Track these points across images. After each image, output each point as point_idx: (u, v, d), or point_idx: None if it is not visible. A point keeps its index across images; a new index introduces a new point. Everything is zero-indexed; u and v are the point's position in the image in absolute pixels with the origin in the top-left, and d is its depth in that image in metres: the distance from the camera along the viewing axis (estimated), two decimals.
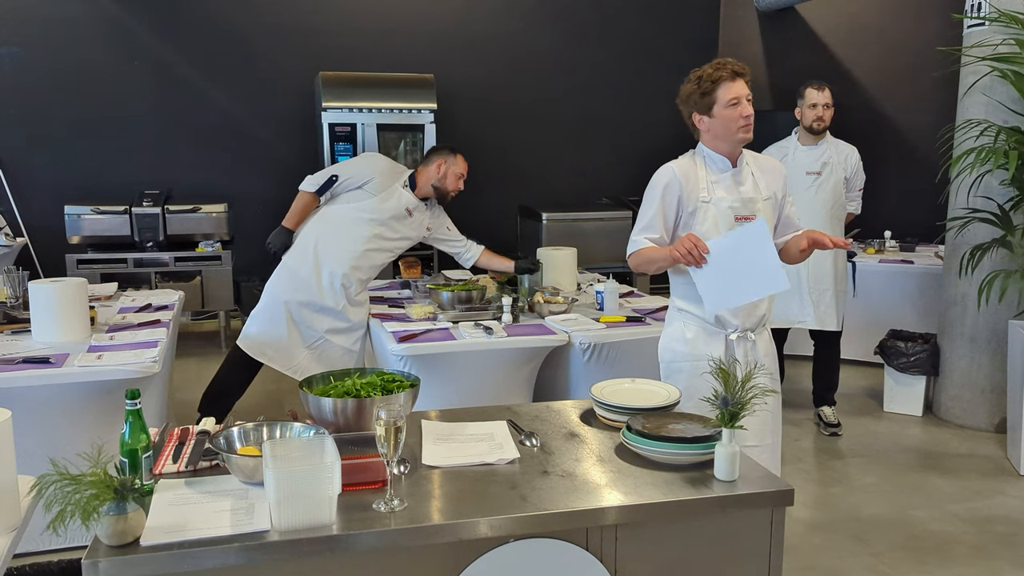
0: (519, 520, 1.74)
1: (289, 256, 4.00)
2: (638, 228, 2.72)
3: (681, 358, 2.74)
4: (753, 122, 2.65)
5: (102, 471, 1.56)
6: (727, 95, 2.62)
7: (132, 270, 6.16)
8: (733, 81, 2.63)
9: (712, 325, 2.72)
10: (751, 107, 2.65)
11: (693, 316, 2.74)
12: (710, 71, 2.66)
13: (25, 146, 6.58)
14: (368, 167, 4.03)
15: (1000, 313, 4.59)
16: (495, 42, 7.55)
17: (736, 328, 2.71)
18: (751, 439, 2.63)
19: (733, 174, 2.72)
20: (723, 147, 2.70)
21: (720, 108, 2.64)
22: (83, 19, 6.62)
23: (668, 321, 2.86)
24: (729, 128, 2.64)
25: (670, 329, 2.82)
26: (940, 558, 3.33)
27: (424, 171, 4.03)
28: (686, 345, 2.73)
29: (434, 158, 4.03)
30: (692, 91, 2.70)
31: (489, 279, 4.34)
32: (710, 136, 2.71)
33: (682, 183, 2.67)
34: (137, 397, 1.80)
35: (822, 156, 4.57)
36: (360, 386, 2.15)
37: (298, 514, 1.64)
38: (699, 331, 2.73)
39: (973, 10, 4.72)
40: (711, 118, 2.67)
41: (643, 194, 2.77)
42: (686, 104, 2.74)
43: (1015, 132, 4.37)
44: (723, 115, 2.64)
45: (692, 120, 2.74)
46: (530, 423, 2.31)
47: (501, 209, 7.58)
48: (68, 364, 3.03)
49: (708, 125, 2.69)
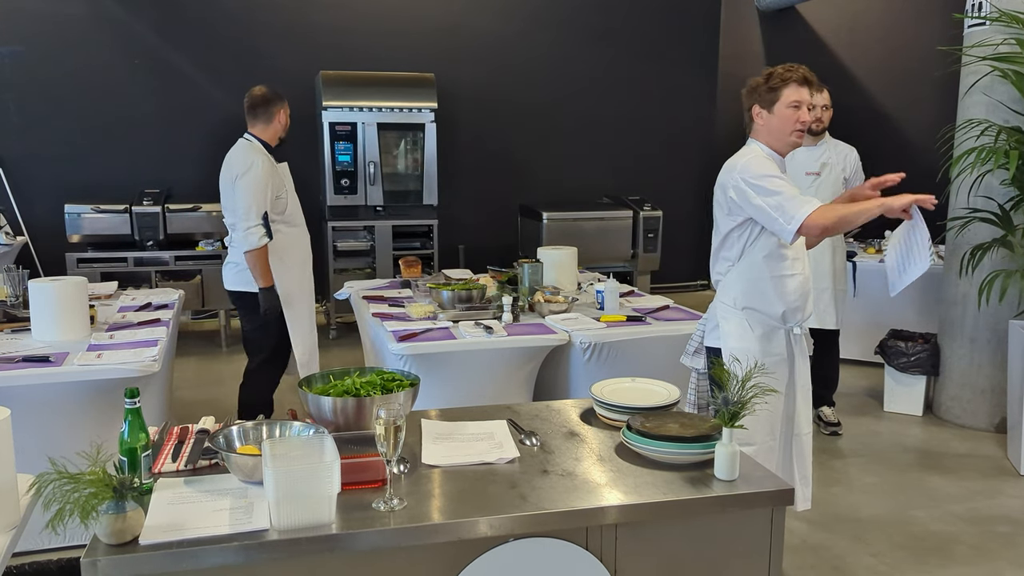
0: (519, 519, 1.74)
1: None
2: (790, 198, 2.66)
3: (752, 356, 2.71)
4: (807, 130, 2.81)
5: (101, 470, 1.55)
6: (792, 96, 2.75)
7: (132, 269, 6.16)
8: (801, 86, 2.76)
9: (775, 321, 2.83)
10: (809, 116, 2.79)
11: (757, 313, 2.83)
12: (782, 71, 2.78)
13: (25, 145, 6.58)
14: (256, 166, 3.84)
15: (1000, 313, 4.59)
16: (496, 42, 7.56)
17: (796, 323, 2.86)
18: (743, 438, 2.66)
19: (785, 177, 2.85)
20: (776, 145, 2.83)
21: (781, 107, 2.76)
22: (84, 18, 6.62)
23: (722, 325, 2.87)
24: (784, 128, 2.77)
25: (730, 328, 2.84)
26: (940, 558, 3.33)
27: (270, 126, 3.96)
28: (756, 343, 2.81)
29: (275, 107, 3.95)
30: (760, 84, 2.81)
31: (489, 278, 4.33)
32: (765, 131, 2.82)
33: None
34: (136, 396, 1.80)
35: (821, 157, 4.57)
36: (360, 385, 2.14)
37: (297, 513, 1.63)
38: (765, 328, 2.84)
39: (974, 10, 4.72)
40: (770, 114, 2.79)
41: (739, 184, 2.76)
42: (751, 95, 2.84)
43: (1016, 132, 4.36)
44: (782, 114, 2.76)
45: (751, 112, 2.85)
46: (530, 422, 2.31)
47: (501, 208, 7.58)
48: (68, 363, 3.03)
49: (766, 120, 2.81)
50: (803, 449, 2.96)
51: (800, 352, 2.93)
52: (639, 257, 7.13)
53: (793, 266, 2.83)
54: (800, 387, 2.93)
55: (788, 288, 2.82)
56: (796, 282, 2.83)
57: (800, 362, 2.92)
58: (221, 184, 3.97)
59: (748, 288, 2.84)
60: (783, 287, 2.81)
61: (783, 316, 2.84)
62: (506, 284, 4.25)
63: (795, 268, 2.83)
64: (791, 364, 2.89)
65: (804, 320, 2.91)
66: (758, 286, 2.81)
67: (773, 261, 2.81)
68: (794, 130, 2.76)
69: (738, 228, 2.82)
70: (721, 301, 2.91)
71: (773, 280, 2.81)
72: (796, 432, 2.94)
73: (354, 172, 6.57)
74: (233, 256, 3.99)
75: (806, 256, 2.92)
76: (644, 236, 7.10)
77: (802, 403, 2.94)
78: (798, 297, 2.84)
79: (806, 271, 2.89)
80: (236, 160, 3.90)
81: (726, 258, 2.90)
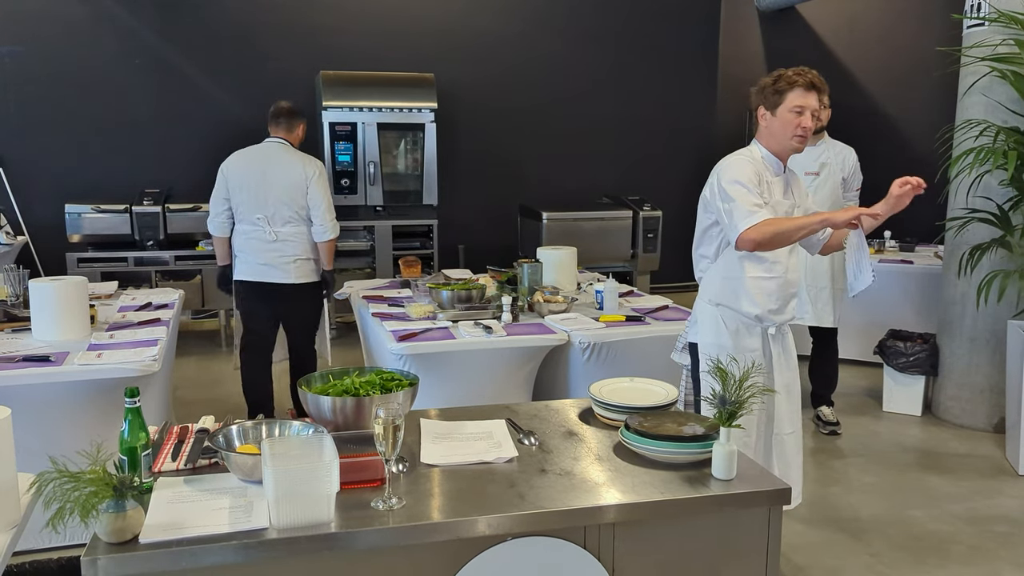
0: (517, 518, 1.75)
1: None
2: (748, 205, 2.67)
3: (725, 354, 2.73)
4: (809, 136, 2.79)
5: (101, 468, 1.56)
6: (795, 100, 2.74)
7: (132, 269, 6.17)
8: (807, 91, 2.75)
9: (750, 320, 2.83)
10: (812, 123, 2.77)
11: (731, 311, 2.84)
12: (790, 74, 2.77)
13: (26, 145, 6.59)
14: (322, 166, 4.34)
15: (999, 313, 4.59)
16: (496, 42, 7.56)
17: (773, 323, 2.85)
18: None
19: (783, 178, 2.87)
20: (776, 148, 2.83)
21: (784, 110, 2.76)
22: (84, 18, 6.63)
23: (699, 321, 2.91)
24: (785, 131, 2.77)
25: (706, 327, 2.87)
26: (939, 558, 3.33)
27: (292, 134, 4.36)
28: (730, 339, 2.82)
29: (297, 120, 4.38)
30: (767, 85, 2.82)
31: (489, 278, 4.34)
32: (767, 133, 2.83)
33: (760, 172, 2.78)
34: (136, 395, 1.81)
35: (820, 157, 4.57)
36: (359, 385, 2.15)
37: (296, 512, 1.64)
38: (739, 325, 2.84)
39: (973, 10, 4.72)
40: (773, 116, 2.79)
41: (716, 184, 2.80)
42: (758, 95, 2.85)
43: (1014, 132, 4.37)
44: (784, 117, 2.76)
45: (757, 113, 2.86)
46: (529, 422, 2.32)
47: (501, 208, 7.58)
48: (68, 362, 3.03)
49: (768, 122, 2.81)
50: (785, 449, 2.93)
51: (782, 351, 2.91)
52: (639, 257, 7.13)
53: (772, 268, 2.81)
54: (782, 386, 2.90)
55: (766, 290, 2.81)
56: (775, 284, 2.81)
57: (782, 361, 2.90)
58: (275, 183, 4.19)
59: (724, 286, 2.85)
60: (760, 289, 2.80)
61: (758, 317, 2.83)
62: (506, 284, 4.26)
63: (774, 271, 2.82)
64: (769, 362, 2.87)
65: (784, 322, 2.90)
66: (733, 285, 2.82)
67: (751, 262, 2.80)
68: (795, 135, 2.75)
69: (715, 226, 2.84)
70: (700, 298, 2.94)
71: (750, 281, 2.80)
72: (777, 431, 2.91)
73: (354, 172, 6.58)
74: (294, 251, 4.26)
75: (795, 259, 2.90)
76: (644, 236, 7.10)
77: (785, 403, 2.91)
78: (776, 300, 2.83)
79: (789, 274, 2.86)
80: (303, 161, 4.26)
81: (704, 255, 2.93)
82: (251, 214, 4.21)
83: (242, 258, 4.30)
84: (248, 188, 4.19)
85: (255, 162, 4.22)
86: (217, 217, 4.29)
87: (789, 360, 2.95)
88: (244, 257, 4.29)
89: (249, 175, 4.20)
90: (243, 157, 4.28)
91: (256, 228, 4.21)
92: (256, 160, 4.23)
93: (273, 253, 4.23)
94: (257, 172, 4.19)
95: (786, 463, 2.94)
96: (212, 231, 4.33)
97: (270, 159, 4.23)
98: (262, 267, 4.25)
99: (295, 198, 4.20)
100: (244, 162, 4.25)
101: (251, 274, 4.27)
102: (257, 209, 4.20)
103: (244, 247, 4.27)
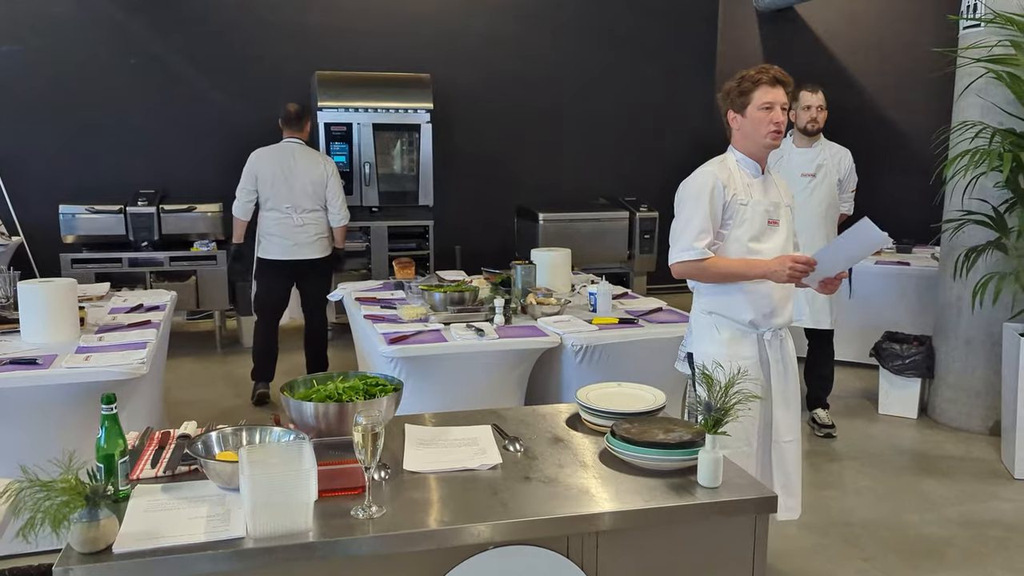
0: (499, 527, 1.72)
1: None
2: (690, 235, 2.71)
3: (720, 360, 2.69)
4: (784, 131, 2.74)
5: (73, 477, 1.54)
6: (763, 98, 2.70)
7: (127, 269, 6.14)
8: (772, 87, 2.71)
9: (745, 327, 2.79)
10: (784, 116, 2.72)
11: (725, 319, 2.80)
12: (753, 73, 2.73)
13: (20, 145, 6.57)
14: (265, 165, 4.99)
15: (995, 315, 4.57)
16: (492, 42, 7.54)
17: (769, 328, 2.80)
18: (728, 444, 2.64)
19: (762, 179, 2.82)
20: (752, 149, 2.78)
21: (753, 109, 2.72)
22: (80, 18, 6.61)
23: (694, 331, 2.89)
24: (758, 131, 2.72)
25: (700, 336, 2.85)
26: (933, 562, 3.31)
27: (305, 131, 5.11)
28: (723, 347, 2.78)
29: (306, 120, 5.10)
30: (732, 88, 2.78)
31: (483, 280, 4.31)
32: (740, 136, 2.79)
33: (724, 186, 2.74)
34: (113, 402, 1.78)
35: (816, 158, 4.55)
36: (342, 390, 2.13)
37: (273, 521, 1.62)
38: (733, 332, 2.80)
39: (969, 12, 4.70)
40: (744, 117, 2.75)
41: (676, 199, 2.83)
42: (725, 100, 2.81)
43: (1010, 134, 4.35)
44: (755, 117, 2.72)
45: (727, 117, 2.82)
46: (516, 427, 2.30)
47: (498, 210, 7.56)
48: (55, 365, 3.01)
49: (740, 124, 2.77)
50: (784, 457, 2.88)
51: (781, 357, 2.85)
52: (635, 258, 7.11)
53: None
54: (780, 393, 2.85)
55: (759, 294, 2.77)
56: (768, 287, 2.77)
57: (780, 368, 2.85)
58: (300, 179, 4.95)
59: (716, 293, 2.81)
60: (753, 293, 2.76)
61: (752, 322, 2.79)
62: (499, 286, 4.23)
63: None
64: (766, 369, 2.83)
65: (781, 326, 2.85)
66: (726, 291, 2.78)
67: None
68: (768, 132, 2.70)
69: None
70: (694, 307, 2.91)
71: (743, 286, 2.76)
72: (776, 439, 2.86)
73: (349, 173, 6.55)
74: (316, 231, 5.08)
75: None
76: (640, 237, 7.08)
77: (783, 410, 2.87)
78: (770, 303, 2.78)
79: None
80: (323, 160, 5.14)
81: None
82: (280, 204, 4.97)
83: (270, 239, 5.03)
84: (276, 183, 4.95)
85: (282, 161, 4.97)
86: (244, 204, 5.04)
87: (788, 368, 2.88)
88: (272, 239, 5.02)
89: (277, 172, 4.95)
90: (270, 156, 4.99)
91: (285, 216, 4.98)
92: (282, 159, 4.98)
93: (301, 235, 5.02)
94: (285, 169, 4.96)
95: (785, 473, 2.88)
96: (237, 214, 5.07)
97: (296, 158, 4.99)
98: (291, 247, 5.02)
99: (317, 191, 5.02)
100: (271, 160, 4.98)
101: (279, 254, 5.04)
102: (286, 200, 4.96)
103: (272, 230, 5.01)
